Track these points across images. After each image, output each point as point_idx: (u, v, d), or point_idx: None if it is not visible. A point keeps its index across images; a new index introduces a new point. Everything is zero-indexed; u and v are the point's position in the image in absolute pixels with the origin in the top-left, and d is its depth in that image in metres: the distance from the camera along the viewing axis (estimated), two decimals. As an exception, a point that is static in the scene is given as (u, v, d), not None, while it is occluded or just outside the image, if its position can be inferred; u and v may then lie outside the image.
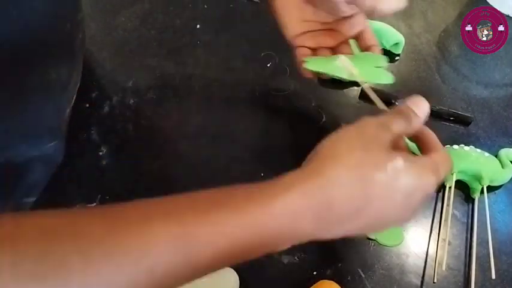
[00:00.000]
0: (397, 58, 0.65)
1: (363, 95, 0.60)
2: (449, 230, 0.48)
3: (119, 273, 0.23)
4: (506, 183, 0.52)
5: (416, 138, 0.38)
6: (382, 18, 0.68)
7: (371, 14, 0.42)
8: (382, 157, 0.30)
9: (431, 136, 0.37)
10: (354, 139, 0.31)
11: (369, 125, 0.33)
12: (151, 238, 0.24)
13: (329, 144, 0.32)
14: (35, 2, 0.37)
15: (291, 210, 0.27)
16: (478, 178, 0.50)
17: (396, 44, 0.64)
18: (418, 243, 0.48)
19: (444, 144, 0.55)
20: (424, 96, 0.60)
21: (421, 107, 0.36)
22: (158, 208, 0.26)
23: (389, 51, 0.65)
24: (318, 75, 0.47)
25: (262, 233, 0.27)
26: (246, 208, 0.27)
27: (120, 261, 0.23)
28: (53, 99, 0.46)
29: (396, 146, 0.33)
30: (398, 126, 0.34)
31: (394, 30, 0.65)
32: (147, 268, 0.23)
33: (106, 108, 0.56)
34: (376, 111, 0.58)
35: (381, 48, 0.63)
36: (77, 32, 0.49)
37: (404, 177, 0.30)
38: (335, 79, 0.60)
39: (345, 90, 0.61)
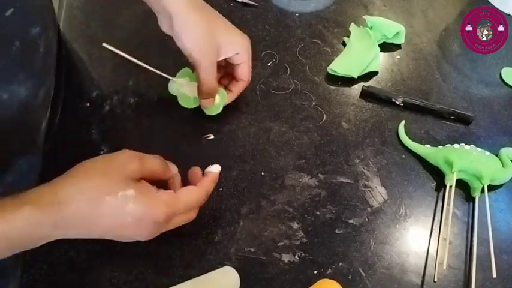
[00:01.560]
0: (397, 57, 0.65)
1: (364, 94, 0.60)
2: (450, 229, 0.48)
3: None
4: (507, 182, 0.52)
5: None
6: (381, 14, 0.68)
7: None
8: (117, 185, 0.36)
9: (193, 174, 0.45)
10: (101, 165, 0.38)
11: (124, 154, 0.39)
12: None
13: (81, 165, 0.38)
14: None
15: (29, 221, 0.33)
16: (479, 177, 0.50)
17: (397, 33, 0.65)
18: (418, 242, 0.48)
19: (444, 143, 0.55)
20: (424, 95, 0.61)
21: (173, 169, 0.45)
22: None
23: (392, 43, 0.66)
24: None
25: (7, 239, 0.33)
26: None
27: None
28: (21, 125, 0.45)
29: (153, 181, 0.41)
30: (152, 164, 0.40)
31: (393, 22, 0.66)
32: None
33: (106, 108, 0.56)
34: (376, 111, 0.59)
35: (383, 40, 0.64)
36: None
37: (133, 205, 0.36)
38: (344, 77, 0.61)
39: (345, 89, 0.61)
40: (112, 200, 0.36)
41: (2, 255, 0.34)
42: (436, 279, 0.45)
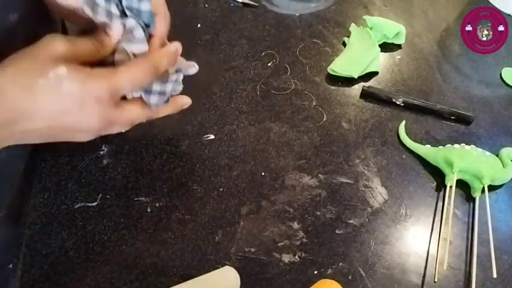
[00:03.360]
0: (398, 58, 0.65)
1: (364, 94, 0.60)
2: (450, 229, 0.48)
3: None
4: (507, 182, 0.52)
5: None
6: (381, 14, 0.68)
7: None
8: (46, 66, 0.33)
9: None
10: (27, 50, 0.34)
11: (47, 36, 0.35)
12: None
13: (9, 57, 0.34)
14: None
15: None
16: (479, 177, 0.50)
17: (397, 34, 0.65)
18: (419, 243, 0.48)
19: (445, 143, 0.55)
20: (425, 95, 0.61)
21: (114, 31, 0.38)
22: None
23: (392, 43, 0.66)
24: None
25: None
26: None
27: None
28: None
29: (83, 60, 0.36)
30: (83, 44, 0.36)
31: (393, 22, 0.66)
32: None
33: (107, 108, 0.56)
34: (377, 111, 0.59)
35: (384, 40, 0.65)
36: None
37: (68, 83, 0.33)
38: (344, 77, 0.61)
39: (346, 89, 0.61)
40: (45, 82, 0.33)
41: None
42: (436, 280, 0.45)
